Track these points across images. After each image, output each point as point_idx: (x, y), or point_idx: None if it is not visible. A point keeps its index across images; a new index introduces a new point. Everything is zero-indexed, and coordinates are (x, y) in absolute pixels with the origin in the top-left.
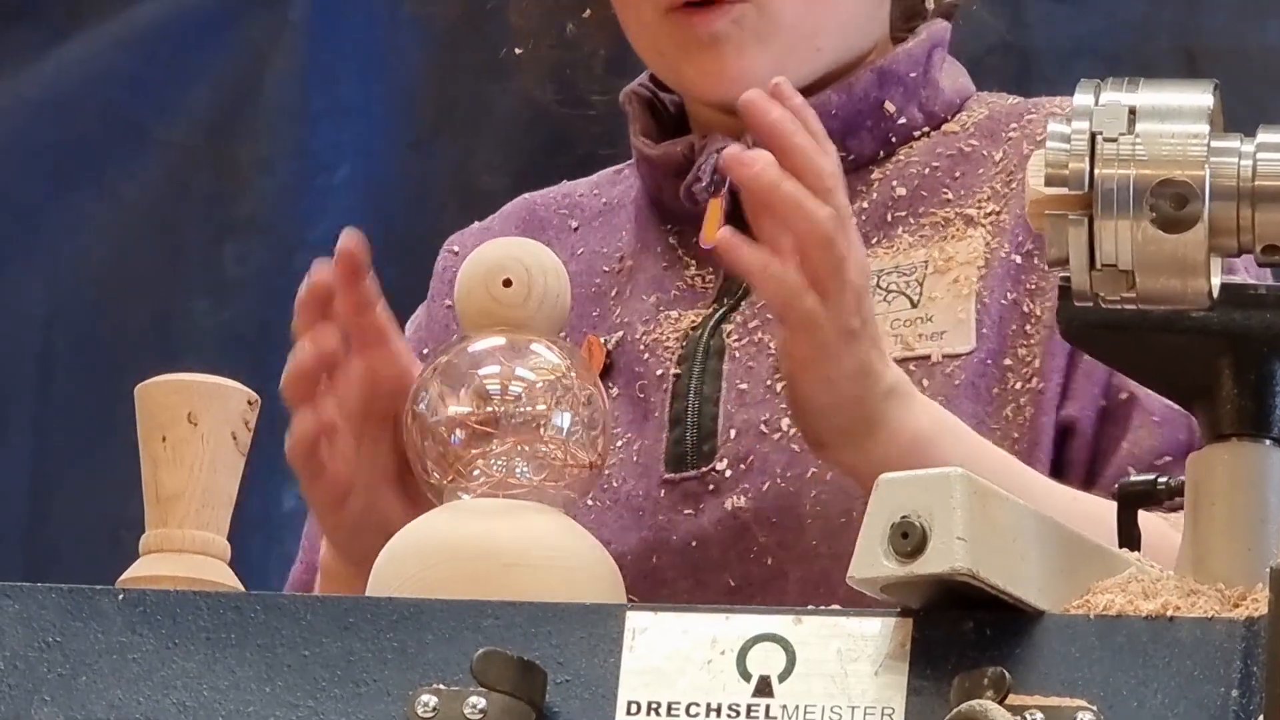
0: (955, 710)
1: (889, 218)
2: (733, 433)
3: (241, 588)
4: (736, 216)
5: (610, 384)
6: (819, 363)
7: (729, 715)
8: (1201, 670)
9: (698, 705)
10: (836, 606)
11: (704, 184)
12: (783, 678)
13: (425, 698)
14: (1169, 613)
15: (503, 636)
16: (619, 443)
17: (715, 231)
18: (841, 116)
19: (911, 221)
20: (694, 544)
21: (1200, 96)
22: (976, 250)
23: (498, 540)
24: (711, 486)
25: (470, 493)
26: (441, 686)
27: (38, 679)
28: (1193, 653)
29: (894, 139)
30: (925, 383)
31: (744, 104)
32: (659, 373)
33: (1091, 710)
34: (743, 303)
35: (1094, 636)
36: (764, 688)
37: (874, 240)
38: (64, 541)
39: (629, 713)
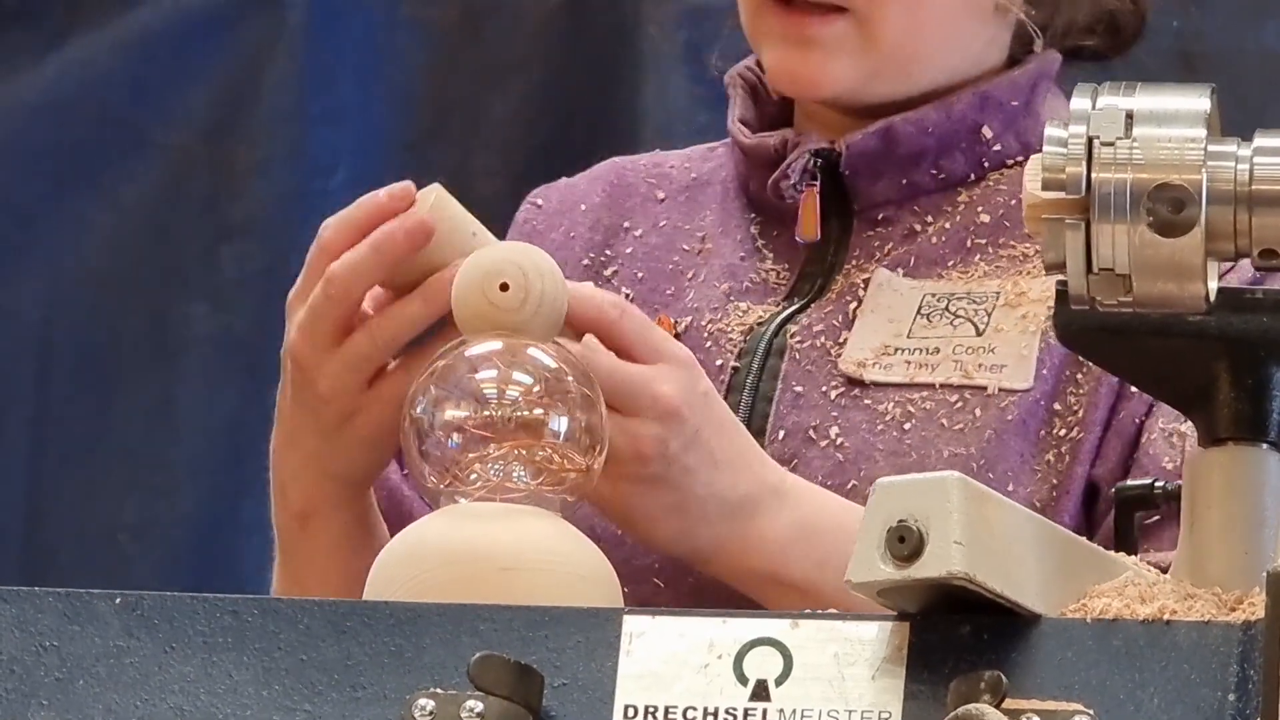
0: (952, 714)
1: (969, 243)
2: (781, 434)
3: None
4: (829, 211)
5: None
6: (637, 506)
7: (726, 719)
8: (1198, 674)
9: (694, 709)
10: (834, 610)
11: (792, 181)
12: (780, 682)
13: (422, 702)
14: (1166, 616)
15: (500, 640)
16: None
17: (814, 225)
18: (937, 135)
19: (990, 251)
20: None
21: (1197, 101)
22: (1050, 290)
23: (495, 544)
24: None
25: (467, 497)
26: (439, 690)
27: (34, 683)
28: (1189, 656)
29: (986, 164)
30: (978, 413)
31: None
32: (718, 363)
33: (1088, 714)
34: (811, 304)
35: (1091, 640)
36: (761, 692)
37: (950, 263)
38: (61, 545)
39: (626, 716)
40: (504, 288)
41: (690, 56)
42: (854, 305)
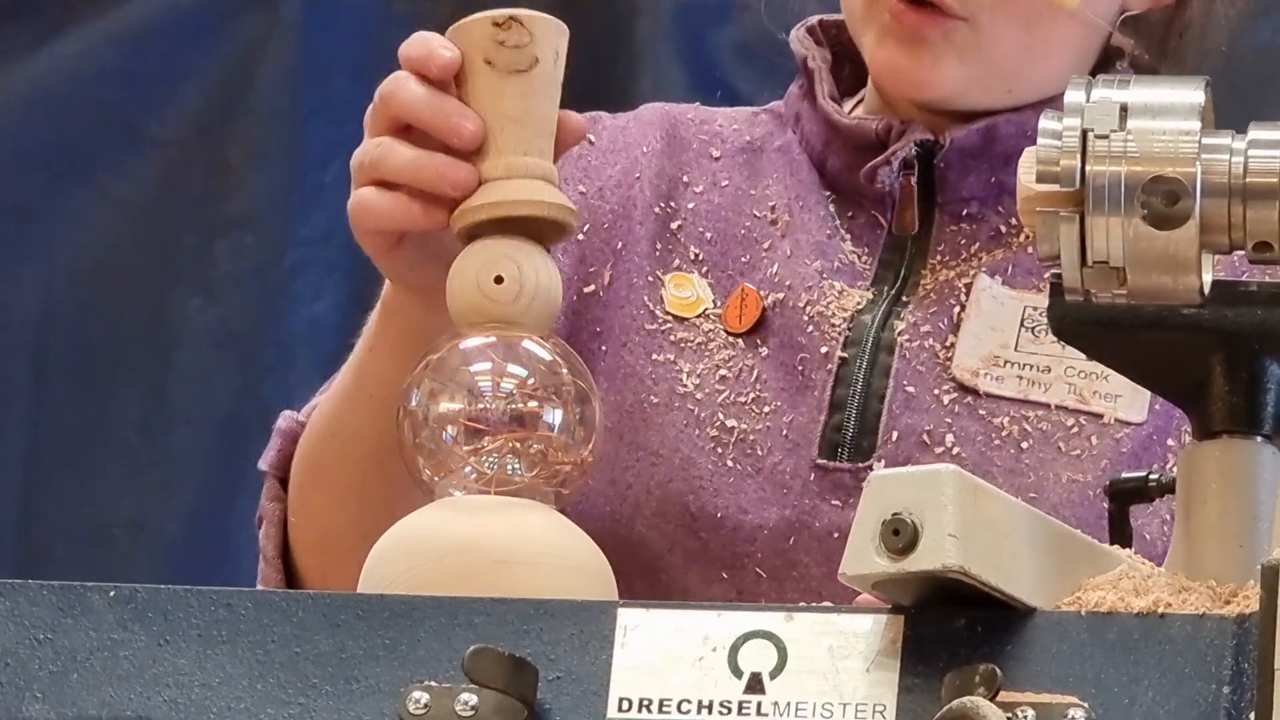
0: (946, 707)
1: None
2: (895, 435)
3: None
4: (924, 201)
5: (761, 343)
6: None
7: (720, 712)
8: (1193, 667)
9: (689, 702)
10: (828, 603)
11: (893, 169)
12: (774, 675)
13: (417, 694)
14: (1160, 610)
15: (494, 633)
16: (766, 409)
17: (912, 220)
18: (1035, 136)
19: None
20: (835, 535)
21: (1191, 93)
22: None
23: (489, 537)
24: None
25: (462, 490)
26: (433, 683)
27: (29, 676)
28: (1184, 650)
29: None
30: (1094, 440)
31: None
32: (823, 350)
33: (1083, 707)
34: (905, 296)
35: (1085, 633)
36: (756, 685)
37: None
38: (57, 540)
39: (620, 709)
40: (498, 280)
41: (684, 50)
42: (957, 309)
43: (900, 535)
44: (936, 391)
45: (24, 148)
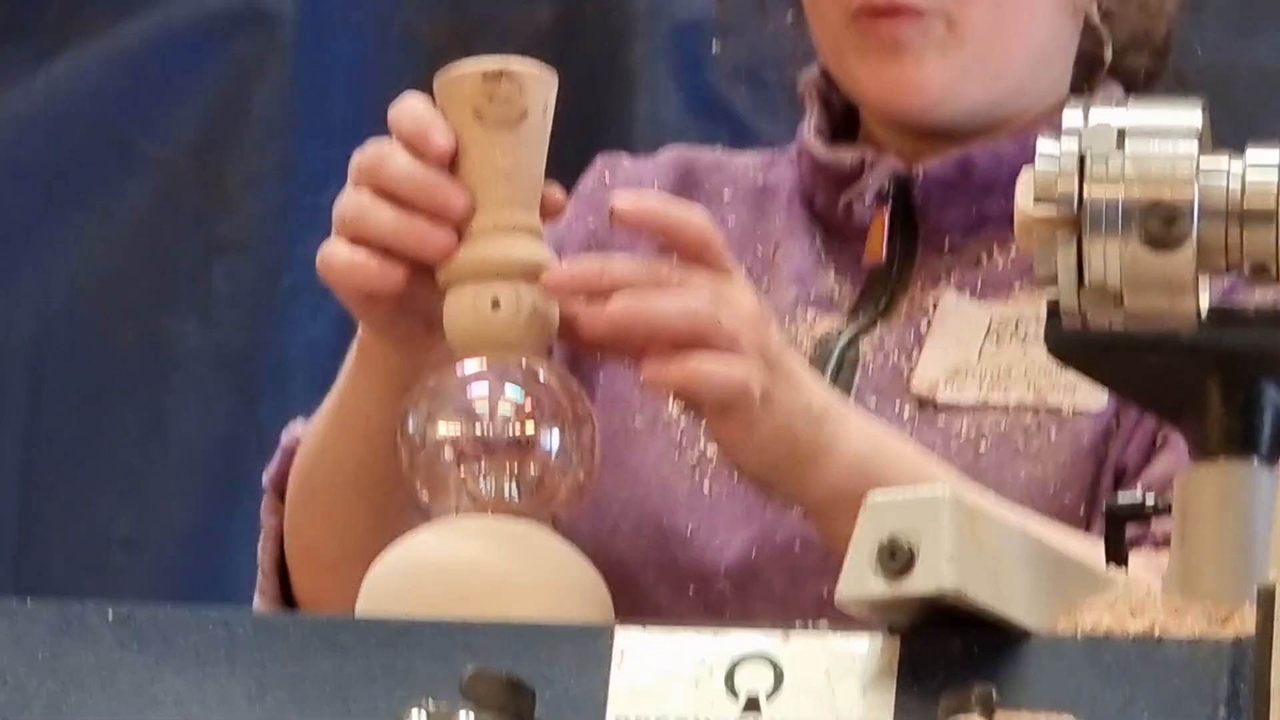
0: None
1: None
2: None
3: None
4: (895, 233)
5: None
6: (746, 436)
7: None
8: (1189, 688)
9: None
10: (825, 624)
11: (866, 203)
12: (771, 696)
13: (415, 715)
14: (1156, 631)
15: (492, 655)
16: None
17: (880, 248)
18: (1012, 166)
19: None
20: (796, 547)
21: (1189, 115)
22: None
23: (486, 559)
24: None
25: (459, 511)
26: (431, 705)
27: (27, 695)
28: (1180, 671)
29: None
30: (1053, 434)
31: (611, 211)
32: None
33: None
34: (879, 321)
35: (1081, 655)
36: (752, 706)
37: (1017, 286)
38: (54, 559)
39: None
40: (495, 305)
41: (681, 72)
42: (924, 326)
43: (897, 558)
44: (897, 407)
45: (20, 168)
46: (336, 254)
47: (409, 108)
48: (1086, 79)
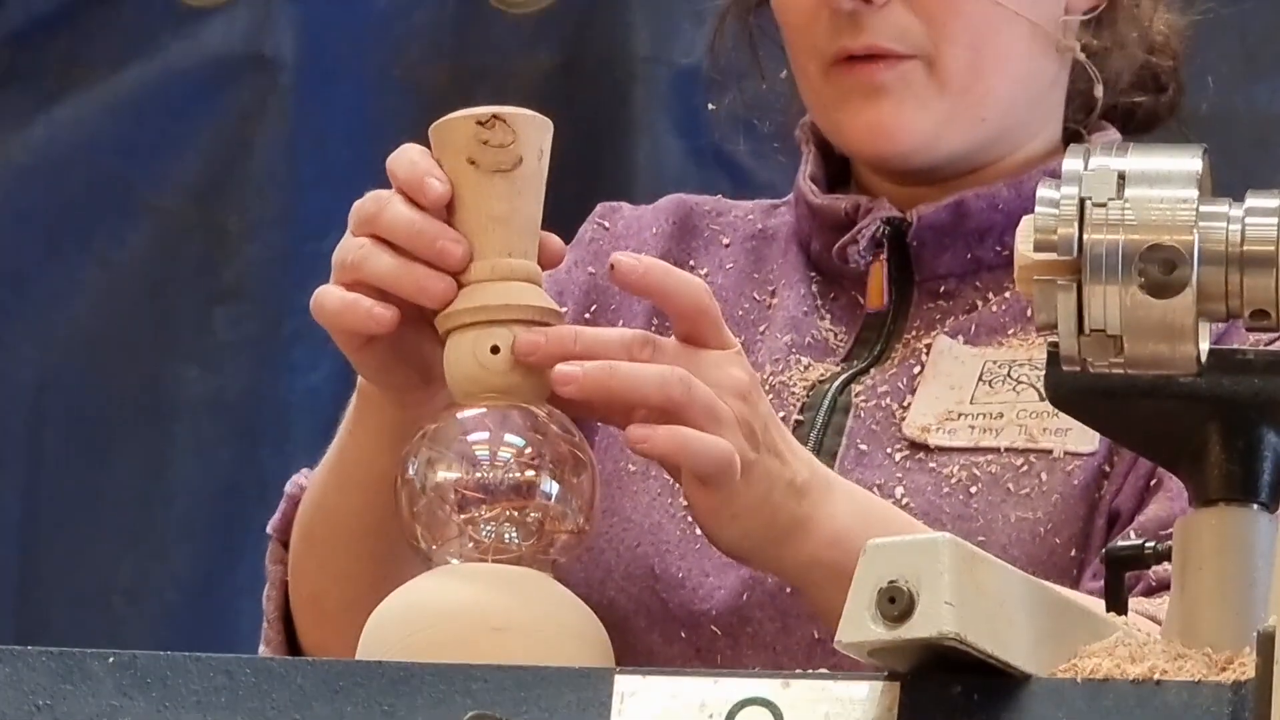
0: None
1: (1030, 312)
2: None
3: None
4: (890, 278)
5: None
6: (723, 507)
7: None
8: None
9: None
10: (824, 670)
11: (860, 248)
12: None
13: None
14: (1156, 676)
15: (492, 700)
16: None
17: (880, 295)
18: (1006, 211)
19: None
20: (787, 591)
21: (1189, 161)
22: None
23: (487, 604)
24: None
25: (460, 558)
26: None
27: None
28: (1180, 716)
29: None
30: (1044, 477)
31: (611, 266)
32: (780, 415)
33: None
34: (873, 367)
35: (1081, 700)
36: None
37: (1010, 331)
38: (55, 607)
39: None
40: (494, 350)
41: (682, 118)
42: (917, 370)
43: (896, 603)
44: (889, 450)
45: (21, 215)
46: (329, 295)
47: (406, 156)
48: (1085, 118)
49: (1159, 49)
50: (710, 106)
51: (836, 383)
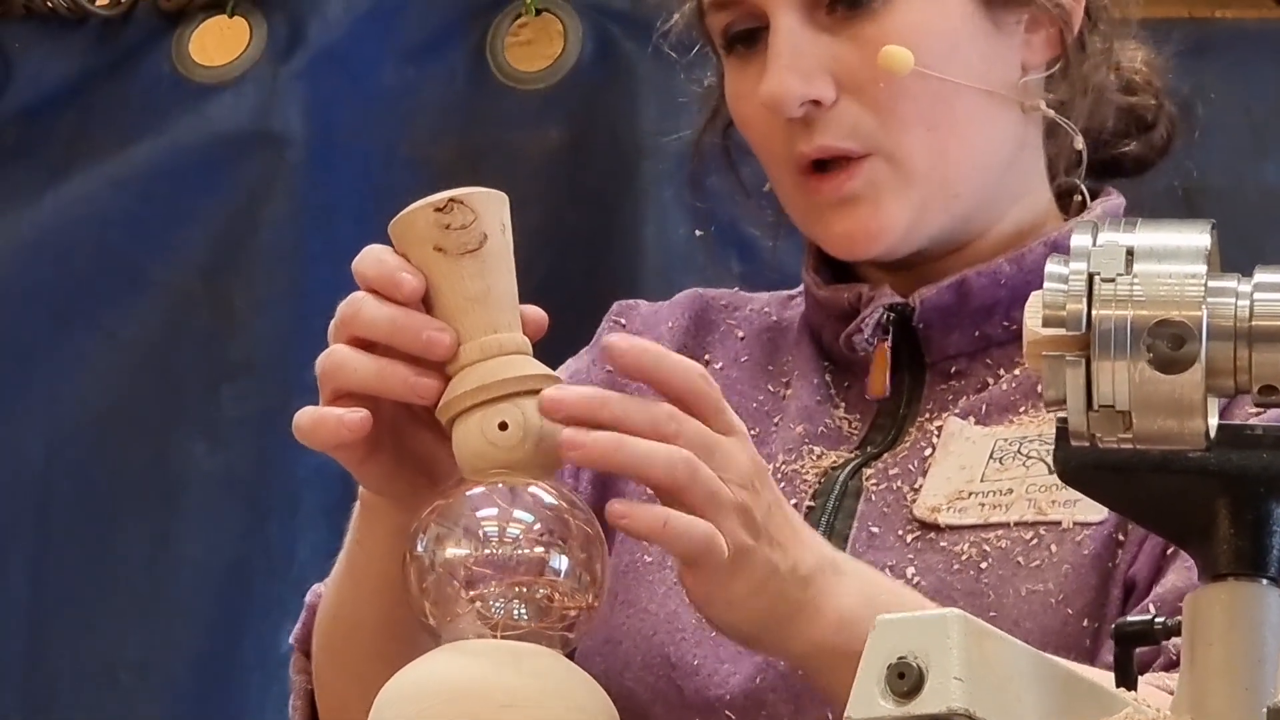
0: None
1: (1039, 388)
2: None
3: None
4: (901, 363)
5: None
6: (716, 591)
7: None
8: None
9: None
10: None
11: (865, 336)
12: None
13: None
14: None
15: None
16: None
17: (883, 382)
18: (1010, 286)
19: None
20: (800, 674)
21: (1198, 237)
22: None
23: (494, 682)
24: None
25: (468, 634)
26: None
27: None
28: None
29: None
30: (1054, 548)
31: (605, 348)
32: (792, 502)
33: None
34: (886, 452)
35: None
36: None
37: (1021, 409)
38: (62, 682)
39: None
40: (503, 426)
41: (689, 193)
42: (928, 452)
43: (905, 679)
44: (900, 531)
45: (28, 291)
46: (302, 416)
47: (372, 255)
48: (1075, 172)
49: (1139, 88)
50: (698, 233)
51: (848, 468)
